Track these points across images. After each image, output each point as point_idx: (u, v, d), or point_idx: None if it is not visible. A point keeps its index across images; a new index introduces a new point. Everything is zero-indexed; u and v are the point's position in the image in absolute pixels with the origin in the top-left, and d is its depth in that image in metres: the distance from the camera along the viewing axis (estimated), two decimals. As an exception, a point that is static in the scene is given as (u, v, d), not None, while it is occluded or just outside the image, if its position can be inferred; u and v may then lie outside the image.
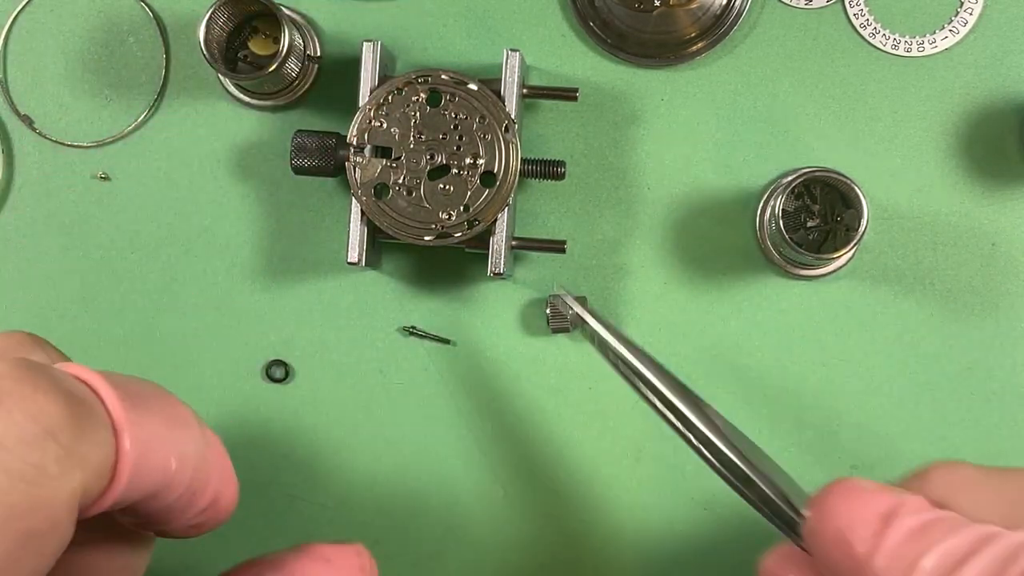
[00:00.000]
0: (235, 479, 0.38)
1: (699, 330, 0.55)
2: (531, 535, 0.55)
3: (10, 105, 0.56)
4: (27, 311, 0.56)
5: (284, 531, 0.55)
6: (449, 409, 0.55)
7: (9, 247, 0.56)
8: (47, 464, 0.29)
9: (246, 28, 0.55)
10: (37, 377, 0.30)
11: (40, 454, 0.29)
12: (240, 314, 0.56)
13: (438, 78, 0.51)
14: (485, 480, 0.55)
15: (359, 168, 0.51)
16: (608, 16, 0.54)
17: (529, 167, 0.52)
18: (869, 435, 0.54)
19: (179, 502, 0.35)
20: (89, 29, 0.56)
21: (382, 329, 0.55)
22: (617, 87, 0.55)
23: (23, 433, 0.29)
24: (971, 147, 0.54)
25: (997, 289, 0.54)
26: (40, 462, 0.29)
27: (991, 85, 0.54)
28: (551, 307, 0.53)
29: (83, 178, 0.56)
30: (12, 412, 0.29)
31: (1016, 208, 0.54)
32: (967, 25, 0.54)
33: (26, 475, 0.29)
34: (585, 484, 0.55)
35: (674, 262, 0.55)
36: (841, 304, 0.54)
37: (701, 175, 0.55)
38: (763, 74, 0.54)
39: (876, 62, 0.54)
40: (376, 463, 0.55)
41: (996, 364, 0.54)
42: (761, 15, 0.55)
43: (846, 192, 0.52)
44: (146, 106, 0.56)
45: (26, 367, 0.30)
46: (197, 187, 0.56)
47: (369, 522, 0.55)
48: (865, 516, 0.32)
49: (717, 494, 0.54)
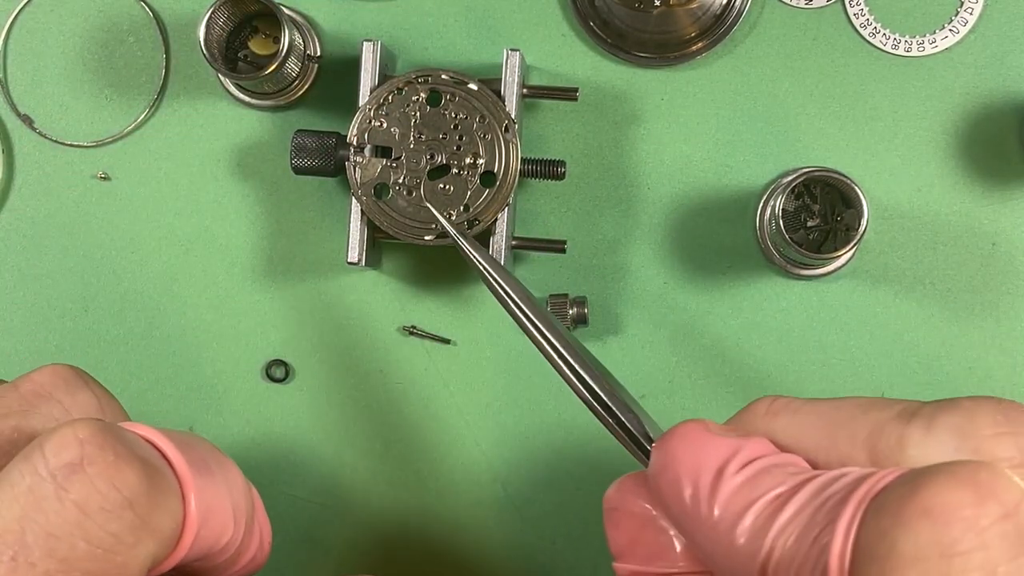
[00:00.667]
0: (270, 530, 0.39)
1: (699, 330, 0.55)
2: (531, 535, 0.55)
3: (10, 105, 0.56)
4: (27, 311, 0.56)
5: (284, 531, 0.55)
6: (449, 409, 0.55)
7: (9, 247, 0.56)
8: (124, 533, 0.30)
9: (246, 28, 0.55)
10: (117, 444, 0.31)
11: (119, 523, 0.30)
12: (240, 314, 0.56)
13: (438, 78, 0.51)
14: (485, 480, 0.55)
15: (359, 168, 0.51)
16: (608, 16, 0.54)
17: (529, 167, 0.52)
18: (869, 435, 0.54)
19: (228, 560, 0.36)
20: (89, 29, 0.56)
21: (382, 329, 0.55)
22: (617, 87, 0.55)
23: (105, 502, 0.30)
24: (971, 147, 0.54)
25: (997, 289, 0.54)
26: (118, 531, 0.30)
27: (991, 85, 0.54)
28: (551, 307, 0.53)
29: (83, 178, 0.56)
30: (95, 480, 0.30)
31: (1016, 208, 0.54)
32: (967, 25, 0.54)
33: (104, 543, 0.30)
34: (585, 484, 0.55)
35: (674, 262, 0.55)
36: (841, 304, 0.54)
37: (701, 175, 0.55)
38: (763, 74, 0.54)
39: (876, 62, 0.54)
40: (376, 463, 0.55)
41: (996, 364, 0.54)
42: (761, 15, 0.55)
43: (846, 192, 0.52)
44: (146, 106, 0.56)
45: (108, 432, 0.31)
46: (197, 187, 0.56)
47: (369, 522, 0.55)
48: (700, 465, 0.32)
49: (717, 494, 0.54)
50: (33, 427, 0.33)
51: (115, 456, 0.30)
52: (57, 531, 0.29)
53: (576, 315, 0.53)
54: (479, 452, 0.55)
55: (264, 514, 0.38)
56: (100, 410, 0.35)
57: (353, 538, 0.55)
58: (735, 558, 0.30)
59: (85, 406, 0.35)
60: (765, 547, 0.30)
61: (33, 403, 0.34)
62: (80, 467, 0.30)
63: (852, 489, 0.29)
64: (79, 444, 0.30)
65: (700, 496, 0.32)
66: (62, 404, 0.35)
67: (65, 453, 0.30)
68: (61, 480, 0.30)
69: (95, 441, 0.30)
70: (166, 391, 0.55)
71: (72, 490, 0.29)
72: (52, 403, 0.34)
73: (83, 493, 0.29)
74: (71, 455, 0.30)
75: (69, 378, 0.36)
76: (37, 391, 0.35)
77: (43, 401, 0.34)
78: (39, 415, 0.34)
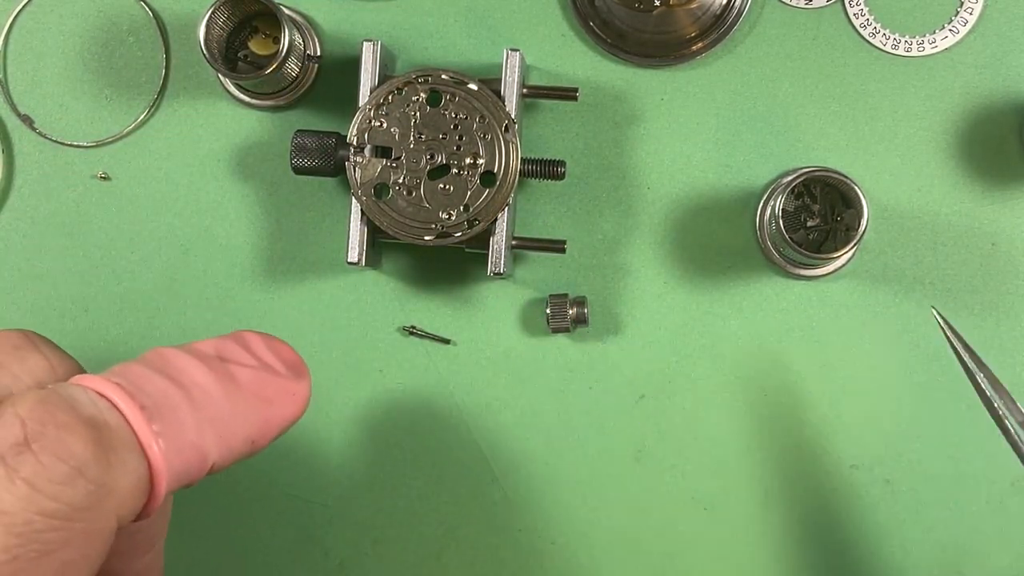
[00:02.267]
0: (290, 388, 0.37)
1: (699, 330, 0.55)
2: (530, 535, 0.55)
3: (10, 105, 0.56)
4: (27, 311, 0.56)
5: (284, 531, 0.55)
6: (449, 409, 0.55)
7: (9, 247, 0.56)
8: (79, 501, 0.30)
9: (246, 28, 0.55)
10: (58, 413, 0.31)
11: (71, 493, 0.30)
12: (240, 314, 0.55)
13: (438, 78, 0.51)
14: (485, 480, 0.55)
15: (359, 168, 0.51)
16: (608, 16, 0.54)
17: (529, 167, 0.52)
18: (869, 435, 0.54)
19: (217, 467, 0.35)
20: (89, 29, 0.56)
21: (382, 329, 0.55)
22: (617, 87, 0.55)
23: (52, 475, 0.30)
24: (971, 147, 0.54)
25: (997, 289, 0.54)
26: (72, 500, 0.30)
27: (991, 85, 0.54)
28: (551, 306, 0.53)
29: (83, 178, 0.56)
30: (40, 456, 0.30)
31: (1016, 208, 0.54)
32: (967, 25, 0.54)
33: (59, 513, 0.30)
34: (585, 484, 0.55)
35: (674, 262, 0.55)
36: (841, 304, 0.54)
37: (701, 175, 0.55)
38: (763, 74, 0.54)
39: (876, 62, 0.54)
40: (376, 463, 0.55)
41: (996, 364, 0.54)
42: (761, 15, 0.55)
43: (846, 192, 0.52)
44: (146, 106, 0.56)
45: (47, 403, 0.31)
46: (197, 187, 0.56)
47: (369, 522, 0.55)
48: None
49: (717, 494, 0.54)
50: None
51: (56, 428, 0.30)
52: (10, 508, 0.29)
53: (576, 315, 0.53)
54: (479, 452, 0.55)
55: (264, 383, 0.37)
56: (53, 372, 0.35)
57: (353, 538, 0.55)
58: None
59: (35, 371, 0.35)
60: None
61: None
62: (25, 446, 0.30)
63: None
64: (20, 423, 0.30)
65: None
66: (11, 371, 0.34)
67: (9, 434, 0.30)
68: (10, 462, 0.30)
69: (35, 416, 0.31)
70: (166, 391, 0.55)
71: (21, 469, 0.30)
72: (1, 372, 0.34)
73: (31, 470, 0.30)
74: (15, 435, 0.30)
75: (19, 343, 0.35)
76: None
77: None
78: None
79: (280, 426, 0.37)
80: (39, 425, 0.30)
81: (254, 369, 0.36)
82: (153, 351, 0.35)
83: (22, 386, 0.34)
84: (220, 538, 0.56)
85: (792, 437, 0.54)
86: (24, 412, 0.31)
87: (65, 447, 0.30)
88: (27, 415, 0.31)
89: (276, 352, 0.37)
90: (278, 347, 0.38)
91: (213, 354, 0.36)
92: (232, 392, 0.35)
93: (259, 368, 0.37)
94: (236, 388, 0.36)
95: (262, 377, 0.37)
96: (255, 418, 0.36)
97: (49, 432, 0.30)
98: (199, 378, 0.35)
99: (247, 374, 0.36)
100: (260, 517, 0.55)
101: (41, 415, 0.31)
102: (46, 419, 0.31)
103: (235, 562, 0.55)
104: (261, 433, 0.36)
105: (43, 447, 0.30)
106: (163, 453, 0.32)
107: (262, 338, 0.38)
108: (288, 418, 0.37)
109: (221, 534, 0.55)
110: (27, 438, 0.30)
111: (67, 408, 0.31)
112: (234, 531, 0.55)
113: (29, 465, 0.30)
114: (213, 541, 0.56)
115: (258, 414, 0.36)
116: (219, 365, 0.36)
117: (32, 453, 0.30)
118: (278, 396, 0.37)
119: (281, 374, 0.37)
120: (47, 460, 0.30)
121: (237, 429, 0.35)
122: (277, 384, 0.37)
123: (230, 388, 0.35)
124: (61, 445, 0.30)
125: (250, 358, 0.37)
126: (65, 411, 0.31)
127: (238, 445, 0.35)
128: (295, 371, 0.38)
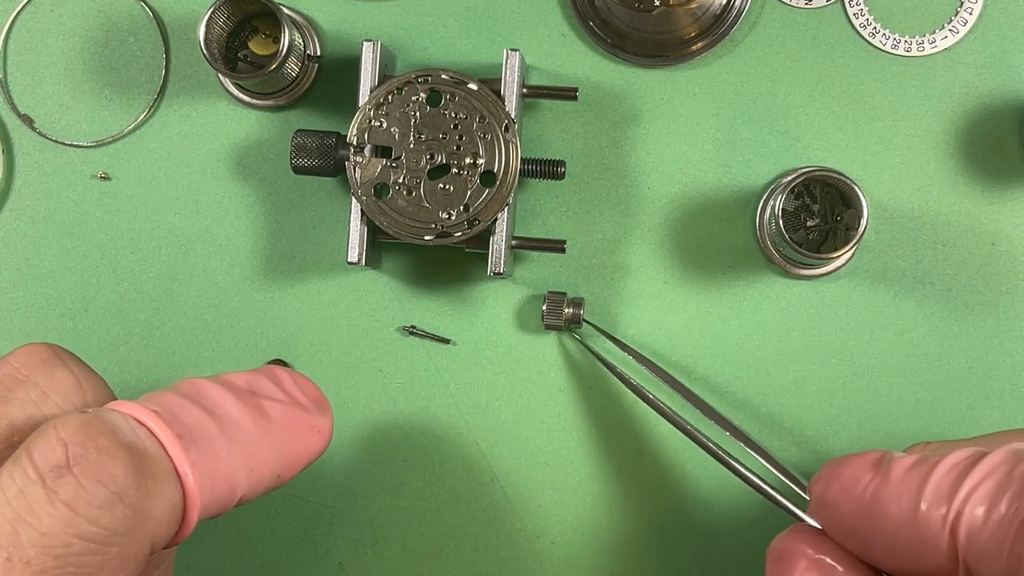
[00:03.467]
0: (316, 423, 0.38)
1: (699, 330, 0.55)
2: (531, 535, 0.55)
3: (10, 105, 0.56)
4: (27, 311, 0.56)
5: (284, 531, 0.55)
6: (449, 409, 0.55)
7: (9, 247, 0.56)
8: (116, 526, 0.30)
9: (246, 28, 0.55)
10: (100, 438, 0.31)
11: (110, 518, 0.30)
12: (240, 314, 0.56)
13: (438, 78, 0.51)
14: (485, 480, 0.55)
15: (359, 168, 0.51)
16: (608, 16, 0.54)
17: (529, 167, 0.52)
18: (869, 435, 0.54)
19: (245, 499, 0.36)
20: (89, 29, 0.56)
21: (382, 329, 0.55)
22: (617, 87, 0.55)
23: (93, 499, 0.30)
24: (971, 147, 0.54)
25: (997, 289, 0.54)
26: (110, 525, 0.30)
27: (991, 85, 0.54)
28: (548, 303, 0.53)
29: (83, 178, 0.56)
30: (82, 479, 0.30)
31: (1016, 208, 0.54)
32: (967, 25, 0.54)
33: (97, 537, 0.30)
34: (585, 484, 0.55)
35: (674, 262, 0.55)
36: (841, 304, 0.54)
37: (701, 175, 0.55)
38: (763, 74, 0.54)
39: (876, 62, 0.54)
40: (376, 463, 0.55)
41: (996, 364, 0.54)
42: (761, 15, 0.55)
43: (846, 191, 0.52)
44: (146, 106, 0.56)
45: (90, 427, 0.31)
46: (197, 187, 0.56)
47: (369, 522, 0.55)
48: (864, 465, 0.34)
49: (717, 494, 0.54)
50: (12, 414, 0.34)
51: (98, 452, 0.31)
52: (50, 530, 0.30)
53: (571, 315, 0.53)
54: (479, 452, 0.55)
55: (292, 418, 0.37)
56: (80, 389, 0.36)
57: (353, 538, 0.55)
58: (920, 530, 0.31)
59: (64, 387, 0.35)
60: (953, 510, 0.30)
61: (11, 387, 0.34)
62: (67, 468, 0.30)
63: None
64: (63, 445, 0.31)
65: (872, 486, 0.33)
66: (40, 387, 0.35)
67: (51, 456, 0.31)
68: (51, 483, 0.30)
69: (78, 439, 0.31)
70: (166, 391, 0.55)
71: (62, 491, 0.30)
72: (29, 386, 0.35)
73: (72, 493, 0.30)
74: (57, 457, 0.30)
75: (46, 358, 0.36)
76: (14, 375, 0.35)
77: (20, 385, 0.35)
78: (17, 400, 0.34)
79: (306, 460, 0.38)
80: (81, 448, 0.31)
81: (283, 404, 0.37)
82: (186, 381, 0.36)
83: (50, 403, 0.35)
84: (220, 538, 0.55)
85: (792, 437, 0.54)
86: (67, 435, 0.31)
87: (106, 472, 0.31)
88: (69, 438, 0.31)
89: (302, 388, 0.38)
90: (304, 383, 0.39)
91: (245, 387, 0.37)
92: (263, 426, 0.36)
93: (288, 403, 0.37)
94: (267, 422, 0.36)
95: (290, 412, 0.37)
96: (283, 452, 0.37)
97: (91, 456, 0.31)
98: (232, 410, 0.35)
99: (277, 409, 0.37)
100: (260, 517, 0.55)
101: (83, 439, 0.31)
102: (88, 443, 0.31)
103: (235, 561, 0.55)
104: (288, 467, 0.37)
105: (84, 471, 0.30)
106: (197, 482, 0.33)
107: (289, 374, 0.39)
108: (313, 453, 0.38)
109: (221, 534, 0.55)
110: (69, 461, 0.30)
111: (109, 433, 0.31)
112: (234, 530, 0.55)
113: (70, 488, 0.30)
114: (213, 541, 0.56)
115: (286, 448, 0.37)
116: (251, 399, 0.36)
117: (73, 476, 0.30)
118: (305, 431, 0.38)
119: (308, 409, 0.38)
120: (88, 484, 0.30)
121: (266, 462, 0.36)
122: (304, 420, 0.38)
123: (261, 422, 0.36)
124: (102, 470, 0.31)
125: (279, 393, 0.37)
126: (107, 436, 0.31)
127: (266, 478, 0.36)
128: (319, 407, 0.39)
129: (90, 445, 0.31)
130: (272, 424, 0.36)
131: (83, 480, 0.30)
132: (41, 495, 0.30)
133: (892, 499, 0.32)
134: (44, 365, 0.35)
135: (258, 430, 0.36)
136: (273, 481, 0.37)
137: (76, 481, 0.30)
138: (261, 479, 0.36)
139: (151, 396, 0.34)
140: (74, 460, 0.30)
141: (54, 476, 0.30)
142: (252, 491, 0.35)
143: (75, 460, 0.30)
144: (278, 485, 0.37)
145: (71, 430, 0.31)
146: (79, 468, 0.30)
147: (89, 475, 0.30)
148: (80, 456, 0.31)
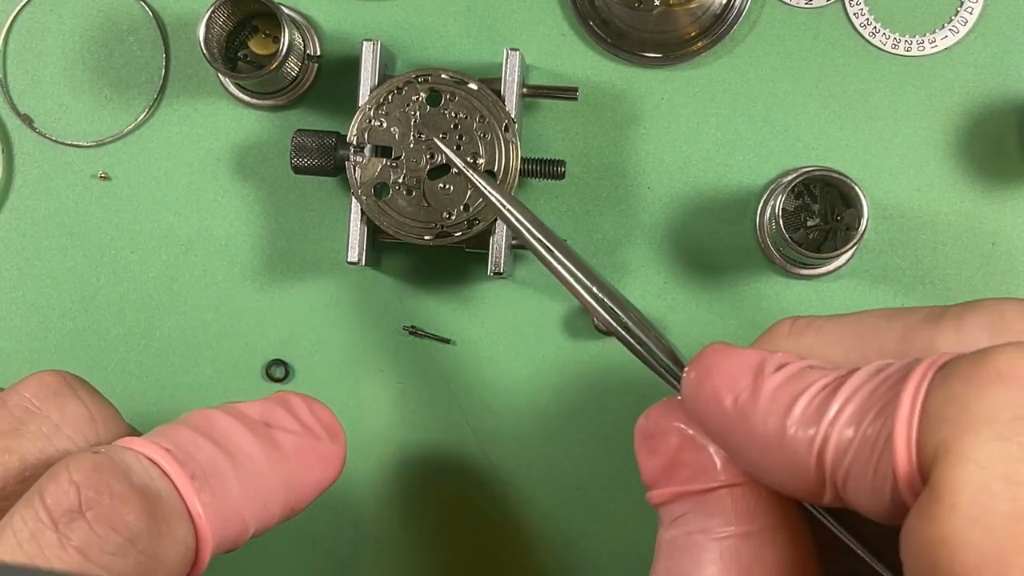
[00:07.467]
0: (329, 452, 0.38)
1: (699, 330, 0.54)
2: (531, 535, 0.55)
3: (10, 105, 0.56)
4: (27, 311, 0.56)
5: (284, 531, 0.55)
6: (449, 409, 0.55)
7: (9, 247, 0.56)
8: (128, 571, 0.30)
9: (246, 28, 0.55)
10: (113, 482, 0.31)
11: (123, 563, 0.30)
12: (240, 314, 0.56)
13: (438, 77, 0.51)
14: (485, 480, 0.55)
15: (359, 168, 0.51)
16: (608, 15, 0.54)
17: (529, 167, 0.52)
18: (869, 435, 0.54)
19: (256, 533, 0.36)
20: (89, 29, 0.56)
21: (382, 329, 0.55)
22: (617, 87, 0.55)
23: (106, 545, 0.30)
24: (971, 147, 0.54)
25: (997, 289, 0.54)
26: (122, 570, 0.30)
27: (991, 85, 0.54)
28: None
29: (83, 178, 0.56)
30: (95, 525, 0.30)
31: (1016, 208, 0.54)
32: (967, 25, 0.54)
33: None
34: (586, 484, 0.55)
35: (674, 262, 0.55)
36: (841, 304, 0.54)
37: (701, 175, 0.55)
38: (763, 74, 0.54)
39: (876, 62, 0.54)
40: (376, 463, 0.55)
41: (996, 364, 0.54)
42: (761, 14, 0.55)
43: (846, 191, 0.52)
44: (146, 106, 0.56)
45: (103, 470, 0.31)
46: (197, 187, 0.56)
47: (369, 522, 0.55)
48: (738, 372, 0.32)
49: (717, 494, 0.54)
50: (24, 448, 0.33)
51: (111, 498, 0.30)
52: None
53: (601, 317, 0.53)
54: (479, 452, 0.55)
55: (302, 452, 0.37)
56: (92, 421, 0.35)
57: (353, 538, 0.55)
58: (787, 453, 0.30)
59: (76, 420, 0.35)
60: (820, 434, 0.29)
61: (22, 420, 0.34)
62: (79, 513, 0.30)
63: (911, 368, 0.28)
64: (76, 489, 0.30)
65: (742, 399, 0.31)
66: (51, 419, 0.34)
67: (64, 500, 0.30)
68: (63, 528, 0.30)
69: (91, 483, 0.30)
70: (166, 391, 0.55)
71: (74, 537, 0.30)
72: (41, 419, 0.34)
73: (84, 539, 0.30)
74: (69, 501, 0.30)
75: (58, 388, 0.35)
76: (25, 406, 0.34)
77: (32, 417, 0.34)
78: (29, 434, 0.34)
79: (317, 491, 0.37)
80: (94, 493, 0.30)
81: (297, 435, 0.37)
82: (199, 413, 0.35)
83: (63, 436, 0.34)
84: (220, 538, 0.55)
85: (792, 437, 0.54)
86: (79, 478, 0.30)
87: (119, 517, 0.30)
88: (82, 481, 0.30)
89: (317, 415, 0.38)
90: (318, 410, 0.38)
91: (258, 418, 0.36)
92: (275, 460, 0.36)
93: (302, 434, 0.37)
94: (280, 456, 0.36)
95: (304, 443, 0.37)
96: (295, 484, 0.36)
97: (103, 501, 0.30)
98: (245, 444, 0.35)
99: (290, 441, 0.36)
100: (260, 517, 0.55)
101: (96, 483, 0.30)
102: (101, 487, 0.30)
103: (235, 561, 0.55)
104: (299, 499, 0.37)
105: (97, 516, 0.30)
106: (210, 522, 0.32)
107: (304, 400, 0.38)
108: (326, 482, 0.38)
109: (221, 534, 0.55)
110: (81, 505, 0.30)
111: (122, 477, 0.31)
112: (234, 531, 0.55)
113: (82, 533, 0.30)
114: (213, 541, 0.55)
115: (299, 479, 0.37)
116: (264, 431, 0.36)
117: (86, 521, 0.30)
118: (317, 462, 0.37)
119: (321, 438, 0.38)
120: (101, 530, 0.30)
121: (278, 496, 0.36)
122: (317, 449, 0.37)
123: (273, 456, 0.36)
124: (115, 515, 0.30)
125: (294, 422, 0.37)
126: (120, 480, 0.31)
127: (278, 511, 0.36)
128: (332, 435, 0.38)
129: (103, 489, 0.30)
130: (285, 456, 0.36)
131: (96, 526, 0.30)
132: (53, 540, 0.30)
133: (759, 419, 0.31)
134: (56, 396, 0.35)
135: (271, 464, 0.35)
136: (285, 513, 0.36)
137: (89, 527, 0.30)
138: (273, 514, 0.35)
139: (163, 431, 0.34)
140: (87, 505, 0.30)
141: (66, 520, 0.30)
142: (264, 526, 0.35)
143: (88, 505, 0.30)
144: (290, 516, 0.37)
145: (83, 473, 0.31)
146: (92, 513, 0.30)
147: (102, 521, 0.30)
148: (93, 501, 0.30)
